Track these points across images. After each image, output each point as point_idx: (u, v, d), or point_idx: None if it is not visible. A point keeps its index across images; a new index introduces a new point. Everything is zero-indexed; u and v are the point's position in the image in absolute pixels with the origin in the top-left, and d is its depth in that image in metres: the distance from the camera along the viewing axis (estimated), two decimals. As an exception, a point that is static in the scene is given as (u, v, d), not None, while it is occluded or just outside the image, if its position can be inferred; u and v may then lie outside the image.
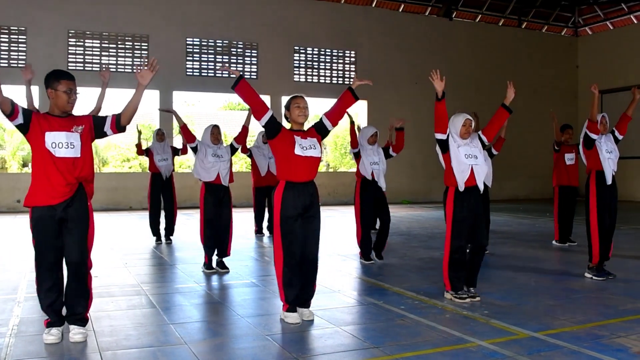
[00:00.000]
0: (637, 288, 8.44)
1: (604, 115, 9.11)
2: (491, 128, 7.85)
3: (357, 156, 10.51)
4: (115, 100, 31.96)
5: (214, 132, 9.87)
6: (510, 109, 7.88)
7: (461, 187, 7.54)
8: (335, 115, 7.01)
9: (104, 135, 6.17)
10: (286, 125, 6.94)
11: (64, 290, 6.09)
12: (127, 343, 5.88)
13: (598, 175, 9.03)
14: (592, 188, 9.07)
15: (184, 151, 13.30)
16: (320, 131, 6.95)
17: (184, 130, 10.25)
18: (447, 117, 7.70)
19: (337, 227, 16.38)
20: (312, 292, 6.92)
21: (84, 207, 6.00)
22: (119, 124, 6.11)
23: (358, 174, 10.57)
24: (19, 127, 5.82)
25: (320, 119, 7.01)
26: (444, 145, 7.69)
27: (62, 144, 5.80)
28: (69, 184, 5.84)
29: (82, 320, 6.08)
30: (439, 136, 7.74)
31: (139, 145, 13.71)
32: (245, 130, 10.61)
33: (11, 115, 5.68)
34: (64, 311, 6.13)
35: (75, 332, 5.96)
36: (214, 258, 9.95)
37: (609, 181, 8.98)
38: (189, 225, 16.60)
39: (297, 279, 6.72)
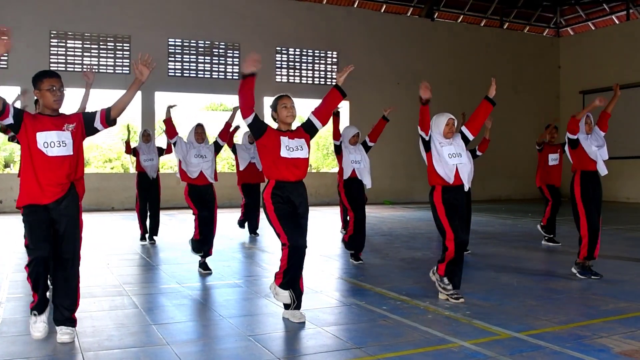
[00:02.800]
0: (619, 288, 8.48)
1: (589, 115, 9.18)
2: (475, 121, 7.81)
3: (338, 151, 10.48)
4: (97, 101, 31.80)
5: (198, 130, 9.84)
6: (493, 102, 7.78)
7: (450, 181, 7.56)
8: (323, 113, 6.92)
9: (95, 131, 6.13)
10: (273, 125, 6.91)
11: (53, 289, 6.06)
12: (110, 344, 5.86)
13: (583, 175, 9.08)
14: (577, 187, 9.12)
15: (168, 150, 13.30)
16: (308, 130, 6.89)
17: (168, 123, 10.19)
18: (429, 119, 7.67)
19: (319, 228, 16.37)
20: (300, 290, 6.90)
21: (75, 207, 6.00)
22: (109, 118, 6.09)
23: (340, 173, 10.58)
24: (9, 126, 5.80)
25: (309, 118, 6.94)
26: (427, 144, 7.70)
27: (54, 143, 5.80)
28: (60, 184, 5.84)
29: (71, 321, 6.06)
30: (422, 134, 7.73)
31: (127, 143, 13.72)
32: (228, 126, 10.45)
33: (1, 114, 5.66)
34: (50, 313, 6.11)
35: (63, 332, 5.94)
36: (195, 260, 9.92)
37: (603, 172, 9.08)
38: (171, 225, 16.57)
39: (297, 264, 6.69)
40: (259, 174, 13.66)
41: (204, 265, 9.81)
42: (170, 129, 10.12)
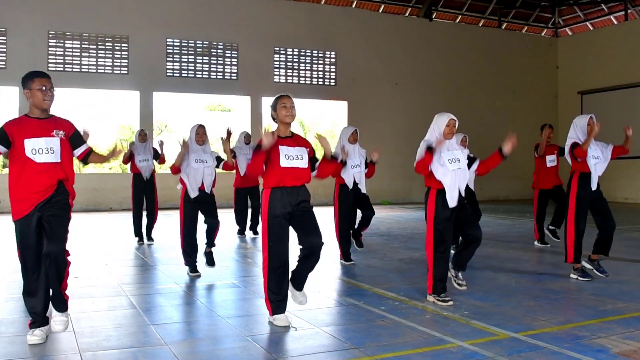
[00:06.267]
0: (617, 289, 8.48)
1: (592, 116, 9.12)
2: (484, 167, 7.87)
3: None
4: (96, 102, 31.72)
5: (199, 131, 9.65)
6: (504, 156, 7.77)
7: (453, 204, 7.54)
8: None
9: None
10: (274, 125, 6.90)
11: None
12: (108, 344, 5.86)
13: (581, 176, 9.05)
14: (573, 189, 9.10)
15: (161, 160, 13.43)
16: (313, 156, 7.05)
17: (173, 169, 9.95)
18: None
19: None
20: (307, 277, 6.89)
21: (64, 202, 5.98)
22: (85, 159, 6.29)
23: (337, 179, 10.54)
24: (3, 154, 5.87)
25: (315, 157, 7.14)
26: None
27: (42, 149, 5.80)
28: (50, 184, 5.83)
29: (61, 302, 6.02)
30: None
31: (125, 155, 13.57)
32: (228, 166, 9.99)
33: None
34: (49, 328, 6.10)
35: (56, 321, 5.93)
36: (196, 259, 9.83)
37: (594, 187, 9.02)
38: (169, 225, 16.56)
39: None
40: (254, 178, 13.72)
41: (209, 258, 9.77)
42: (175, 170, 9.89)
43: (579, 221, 9.09)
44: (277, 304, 6.65)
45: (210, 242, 9.83)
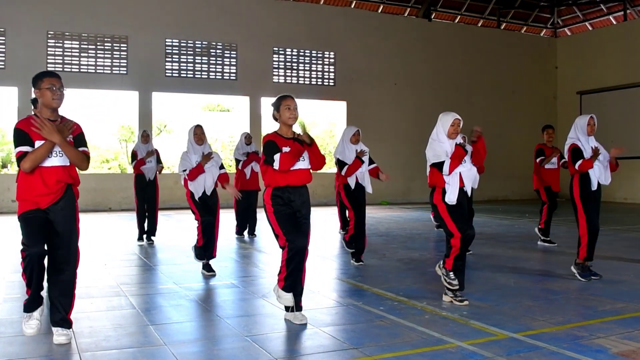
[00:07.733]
0: (616, 289, 8.47)
1: (592, 116, 9.12)
2: (478, 155, 7.77)
3: (342, 165, 10.40)
4: (95, 102, 31.69)
5: (197, 132, 9.64)
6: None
7: (452, 200, 7.51)
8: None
9: None
10: (274, 124, 6.88)
11: (49, 289, 6.04)
12: (107, 344, 5.86)
13: (581, 177, 9.05)
14: (576, 190, 9.09)
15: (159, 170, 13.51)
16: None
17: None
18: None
19: (317, 228, 16.34)
20: (301, 289, 6.85)
21: (72, 207, 5.98)
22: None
23: (340, 179, 10.51)
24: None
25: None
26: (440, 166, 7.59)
27: (51, 153, 5.76)
28: (58, 187, 5.81)
29: (66, 322, 6.03)
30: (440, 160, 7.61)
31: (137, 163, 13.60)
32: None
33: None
34: (42, 311, 6.11)
35: (59, 334, 5.91)
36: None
37: (594, 187, 9.01)
38: (169, 226, 16.55)
39: (300, 265, 6.68)
40: (255, 181, 13.77)
41: (207, 267, 9.72)
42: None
43: (592, 218, 9.06)
44: (290, 282, 6.67)
45: (210, 255, 9.72)
